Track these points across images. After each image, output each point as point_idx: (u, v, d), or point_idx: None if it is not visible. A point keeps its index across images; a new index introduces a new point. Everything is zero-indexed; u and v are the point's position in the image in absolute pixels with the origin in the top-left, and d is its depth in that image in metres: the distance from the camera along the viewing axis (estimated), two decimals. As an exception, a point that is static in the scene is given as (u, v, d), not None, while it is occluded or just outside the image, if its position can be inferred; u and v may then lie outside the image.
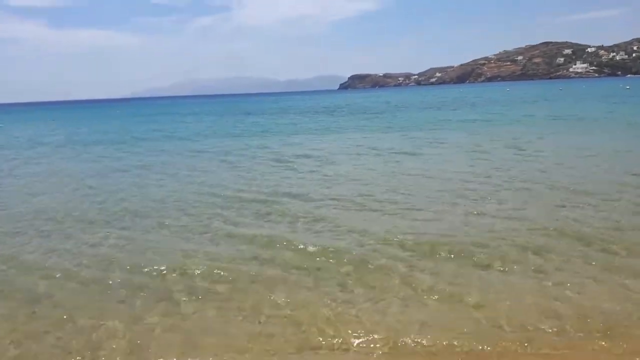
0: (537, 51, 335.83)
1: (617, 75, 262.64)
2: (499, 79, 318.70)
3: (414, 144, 23.39)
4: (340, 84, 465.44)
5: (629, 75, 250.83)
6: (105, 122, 60.34)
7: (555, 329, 5.74)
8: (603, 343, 5.45)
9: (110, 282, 7.70)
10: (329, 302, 6.66)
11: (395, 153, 20.59)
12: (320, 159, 19.90)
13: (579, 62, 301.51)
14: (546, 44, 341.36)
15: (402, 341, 5.65)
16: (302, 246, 8.80)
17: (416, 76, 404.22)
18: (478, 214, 10.43)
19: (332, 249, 8.57)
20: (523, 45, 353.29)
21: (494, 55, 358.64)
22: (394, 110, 57.11)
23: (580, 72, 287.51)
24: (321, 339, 5.76)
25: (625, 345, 5.38)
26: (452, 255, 8.09)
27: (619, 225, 9.22)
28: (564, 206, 10.73)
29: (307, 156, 20.75)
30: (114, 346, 5.82)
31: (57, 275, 8.09)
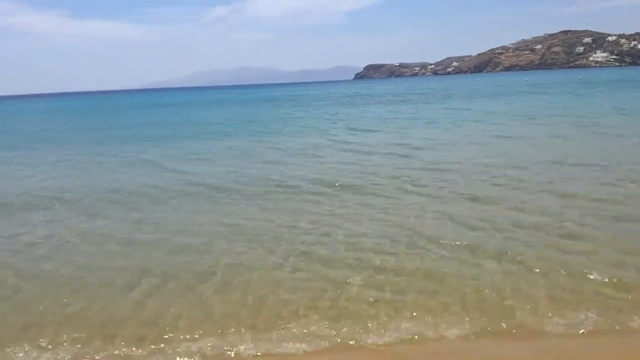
0: (556, 40, 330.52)
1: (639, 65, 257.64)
2: (517, 68, 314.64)
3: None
4: (356, 74, 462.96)
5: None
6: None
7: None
8: None
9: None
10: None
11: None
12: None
13: (599, 51, 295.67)
14: (565, 32, 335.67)
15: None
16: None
17: (433, 65, 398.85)
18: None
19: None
20: (542, 34, 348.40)
21: (512, 44, 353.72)
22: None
23: (601, 62, 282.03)
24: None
25: None
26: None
27: None
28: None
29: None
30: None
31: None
